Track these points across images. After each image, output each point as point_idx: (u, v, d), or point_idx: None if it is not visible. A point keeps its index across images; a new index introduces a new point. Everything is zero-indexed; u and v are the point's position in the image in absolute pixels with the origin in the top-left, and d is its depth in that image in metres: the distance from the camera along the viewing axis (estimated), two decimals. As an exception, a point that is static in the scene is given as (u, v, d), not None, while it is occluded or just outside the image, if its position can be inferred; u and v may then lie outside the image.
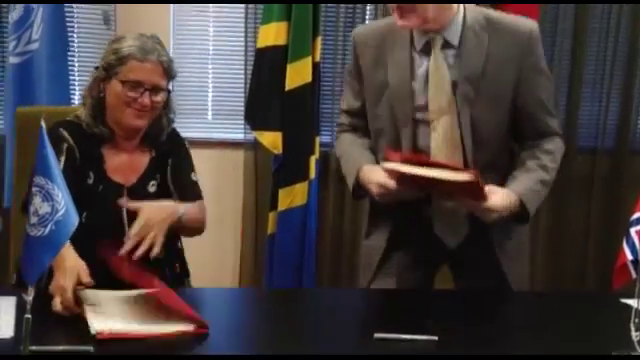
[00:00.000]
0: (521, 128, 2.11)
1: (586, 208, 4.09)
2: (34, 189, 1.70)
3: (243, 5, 3.77)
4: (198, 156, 3.93)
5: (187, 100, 3.89)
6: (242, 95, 3.77)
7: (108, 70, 2.13)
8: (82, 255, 1.91)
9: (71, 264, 1.87)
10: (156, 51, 2.12)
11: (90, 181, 2.13)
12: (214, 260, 3.89)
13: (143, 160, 2.24)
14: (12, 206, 2.56)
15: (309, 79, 3.41)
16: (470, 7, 2.06)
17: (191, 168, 2.33)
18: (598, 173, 4.06)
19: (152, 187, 2.23)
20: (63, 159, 2.08)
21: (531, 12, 3.54)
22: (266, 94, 3.46)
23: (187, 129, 3.89)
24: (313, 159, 3.51)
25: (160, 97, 2.15)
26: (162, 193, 2.23)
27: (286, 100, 3.42)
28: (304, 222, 3.55)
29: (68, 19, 3.60)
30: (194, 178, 2.32)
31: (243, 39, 3.79)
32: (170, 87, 2.24)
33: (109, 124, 2.17)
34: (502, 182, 2.06)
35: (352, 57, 2.21)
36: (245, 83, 3.75)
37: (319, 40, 3.47)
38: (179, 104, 2.28)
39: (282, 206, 3.53)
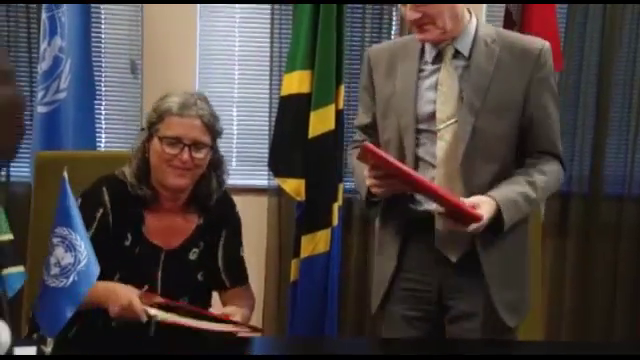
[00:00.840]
0: (524, 144, 2.10)
1: (613, 256, 4.03)
2: (55, 240, 1.71)
3: (268, 52, 3.83)
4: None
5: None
6: (266, 142, 3.79)
7: (150, 128, 2.10)
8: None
9: (124, 288, 1.96)
10: (195, 106, 2.07)
11: (127, 242, 2.09)
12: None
13: (188, 225, 2.18)
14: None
15: (332, 127, 3.42)
16: (483, 22, 2.12)
17: (241, 242, 2.28)
18: (625, 220, 4.00)
19: (193, 255, 2.18)
20: (95, 226, 2.06)
21: (552, 36, 3.57)
22: (289, 141, 3.47)
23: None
24: (336, 206, 3.50)
25: (202, 154, 2.07)
26: (203, 262, 2.18)
27: (309, 147, 3.43)
28: (327, 269, 3.52)
29: (96, 67, 3.67)
30: (242, 254, 2.29)
31: (268, 86, 3.85)
32: (217, 146, 2.18)
33: (154, 185, 2.12)
34: None
35: (365, 73, 2.24)
36: (269, 130, 3.78)
37: (342, 88, 3.49)
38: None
39: (305, 253, 3.51)
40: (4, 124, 0.69)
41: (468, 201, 1.95)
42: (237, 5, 3.90)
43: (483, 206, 1.95)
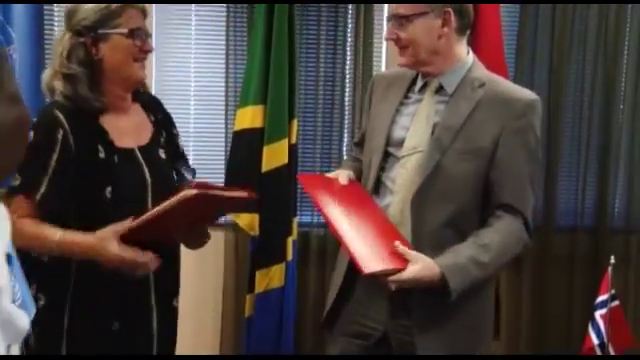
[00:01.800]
0: (489, 195, 2.02)
1: (568, 287, 4.07)
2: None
3: (223, 86, 3.84)
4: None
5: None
6: (223, 177, 3.79)
7: (97, 29, 1.97)
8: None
9: (106, 246, 1.87)
10: None
11: (102, 155, 1.98)
12: (195, 342, 3.83)
13: (146, 120, 2.14)
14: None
15: (285, 161, 3.43)
16: (481, 68, 2.09)
17: (178, 134, 2.29)
18: (578, 251, 4.06)
19: (162, 153, 2.14)
20: (58, 148, 1.93)
21: (499, 68, 3.61)
22: (243, 176, 3.47)
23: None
24: (290, 240, 3.50)
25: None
26: (169, 158, 2.17)
27: (263, 181, 3.44)
28: (281, 304, 3.51)
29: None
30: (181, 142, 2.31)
31: (223, 121, 3.85)
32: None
33: (106, 91, 2.01)
34: (462, 239, 1.98)
35: (368, 96, 2.26)
36: (225, 165, 3.78)
37: (295, 122, 3.51)
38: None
39: (259, 288, 3.50)
40: (12, 143, 0.72)
41: (407, 252, 1.91)
42: (193, 38, 3.92)
43: (417, 264, 1.89)
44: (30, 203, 1.91)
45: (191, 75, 3.95)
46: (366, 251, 1.91)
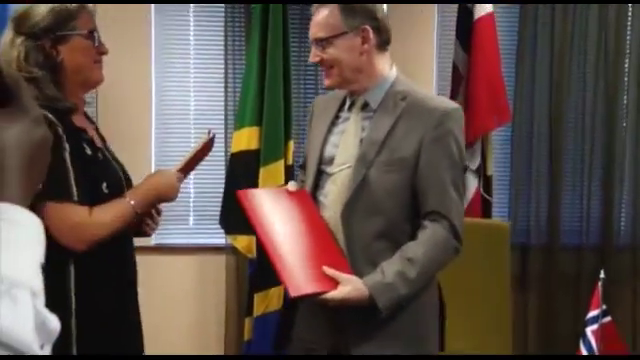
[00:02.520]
0: (417, 204, 2.05)
1: (575, 305, 4.01)
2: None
3: (222, 110, 3.85)
4: (180, 262, 4.02)
5: (169, 206, 3.87)
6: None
7: (55, 31, 1.93)
8: None
9: (164, 177, 2.09)
10: None
11: (89, 152, 1.98)
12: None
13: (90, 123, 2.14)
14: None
15: (282, 182, 3.42)
16: (404, 81, 2.13)
17: None
18: (584, 269, 3.99)
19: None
20: (68, 147, 1.89)
21: (498, 88, 3.61)
22: (240, 198, 3.46)
23: (169, 235, 3.94)
24: (288, 262, 3.47)
25: None
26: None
27: (260, 204, 3.42)
28: (280, 327, 3.47)
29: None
30: None
31: (223, 144, 3.85)
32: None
33: (66, 93, 1.96)
34: (394, 249, 2.01)
35: (308, 119, 2.31)
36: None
37: (291, 144, 3.51)
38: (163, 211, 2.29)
39: (257, 311, 3.47)
40: (39, 163, 0.77)
41: (335, 274, 1.94)
42: (192, 60, 3.96)
43: (346, 285, 1.94)
44: (73, 203, 1.87)
45: (191, 95, 3.98)
46: (296, 272, 1.95)
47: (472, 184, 3.69)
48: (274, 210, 2.07)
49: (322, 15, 2.06)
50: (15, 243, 0.73)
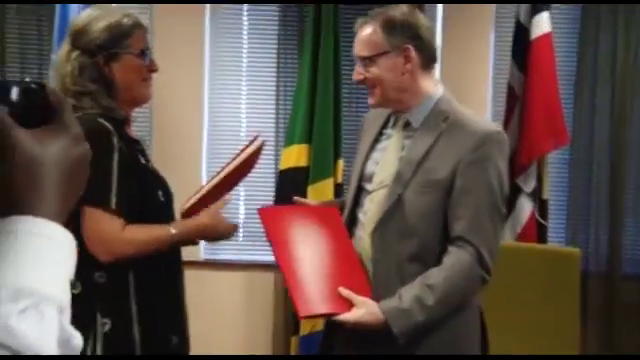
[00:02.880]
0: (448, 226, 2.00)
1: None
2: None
3: (273, 127, 3.86)
4: (229, 277, 4.02)
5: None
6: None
7: (109, 48, 1.97)
8: None
9: (209, 217, 2.05)
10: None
11: (143, 162, 2.02)
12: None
13: None
14: None
15: (330, 200, 3.40)
16: (448, 101, 2.07)
17: None
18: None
19: None
20: (117, 157, 1.92)
21: (555, 110, 3.51)
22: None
23: (218, 251, 3.95)
24: (336, 282, 3.44)
25: None
26: None
27: (308, 222, 3.40)
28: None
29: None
30: None
31: (273, 161, 3.86)
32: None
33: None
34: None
35: (358, 136, 2.30)
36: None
37: (341, 162, 3.48)
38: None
39: (304, 331, 3.44)
40: (77, 178, 0.80)
41: (351, 295, 1.92)
42: (244, 77, 3.99)
43: (361, 308, 1.91)
44: (110, 212, 1.90)
45: (242, 114, 4.01)
46: (309, 292, 1.92)
47: (526, 207, 3.60)
48: (295, 228, 2.04)
49: (365, 33, 2.05)
50: (46, 258, 0.74)
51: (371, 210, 2.06)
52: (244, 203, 4.00)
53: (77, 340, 0.75)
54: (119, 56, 1.98)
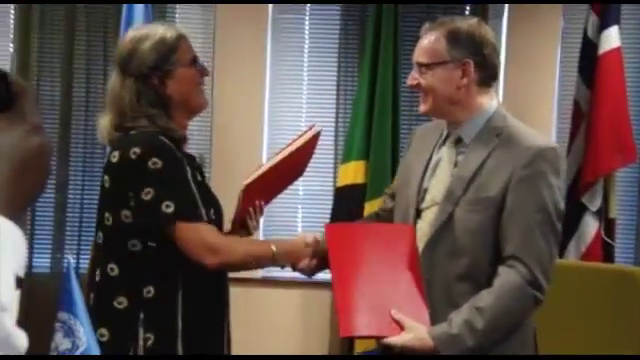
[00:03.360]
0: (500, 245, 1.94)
1: None
2: (56, 324, 1.71)
3: (332, 144, 3.85)
4: (286, 295, 4.01)
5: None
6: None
7: (160, 67, 1.97)
8: None
9: (301, 242, 2.04)
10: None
11: (199, 179, 2.02)
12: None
13: None
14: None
15: (388, 218, 3.35)
16: (503, 116, 2.02)
17: None
18: None
19: None
20: (188, 171, 1.94)
21: (624, 126, 3.40)
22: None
23: (275, 269, 3.92)
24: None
25: None
26: None
27: (365, 239, 3.36)
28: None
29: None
30: None
31: (332, 179, 3.84)
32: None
33: (175, 123, 2.01)
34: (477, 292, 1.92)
35: (407, 148, 2.27)
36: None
37: (398, 179, 3.43)
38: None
39: (359, 349, 3.39)
40: (35, 170, 0.76)
41: (402, 319, 1.88)
42: (304, 95, 3.99)
43: (409, 333, 1.87)
44: (204, 223, 1.91)
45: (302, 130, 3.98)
46: (357, 312, 1.89)
47: (592, 227, 3.48)
48: (360, 246, 1.99)
49: (428, 40, 2.00)
50: None
51: (422, 229, 2.01)
52: (302, 220, 3.98)
53: (21, 340, 0.71)
54: (171, 72, 1.98)
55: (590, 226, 3.49)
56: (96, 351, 1.67)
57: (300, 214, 3.98)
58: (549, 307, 2.11)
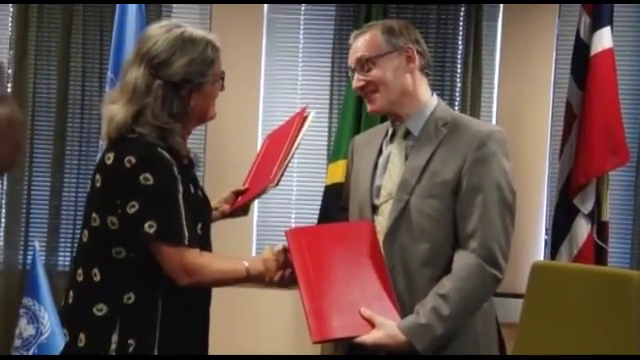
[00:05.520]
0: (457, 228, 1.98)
1: None
2: (21, 310, 1.72)
3: (325, 145, 3.86)
4: (281, 295, 3.98)
5: (269, 235, 3.94)
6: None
7: (193, 80, 1.92)
8: None
9: (274, 257, 1.97)
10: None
11: (193, 191, 1.96)
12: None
13: None
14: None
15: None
16: (446, 109, 2.11)
17: None
18: None
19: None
20: (180, 188, 1.88)
21: (616, 127, 3.38)
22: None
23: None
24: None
25: None
26: None
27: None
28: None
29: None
30: None
31: (325, 177, 3.81)
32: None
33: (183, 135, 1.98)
34: (440, 277, 1.94)
35: (349, 158, 2.27)
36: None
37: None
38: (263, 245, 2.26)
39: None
40: (4, 139, 0.77)
41: (373, 317, 1.88)
42: (298, 95, 4.01)
43: (379, 330, 1.87)
44: (185, 246, 1.87)
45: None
46: (328, 315, 1.87)
47: (584, 229, 3.46)
48: (322, 249, 1.97)
49: (364, 39, 2.06)
50: None
51: (381, 223, 2.03)
52: (295, 220, 3.99)
53: None
54: (202, 85, 1.94)
55: (582, 228, 3.47)
56: (60, 338, 1.68)
57: (294, 214, 3.98)
58: (543, 309, 2.11)
